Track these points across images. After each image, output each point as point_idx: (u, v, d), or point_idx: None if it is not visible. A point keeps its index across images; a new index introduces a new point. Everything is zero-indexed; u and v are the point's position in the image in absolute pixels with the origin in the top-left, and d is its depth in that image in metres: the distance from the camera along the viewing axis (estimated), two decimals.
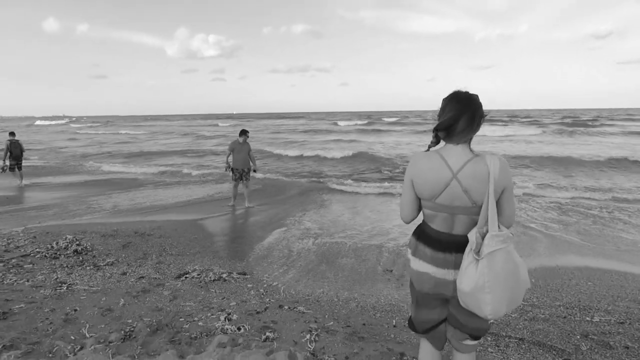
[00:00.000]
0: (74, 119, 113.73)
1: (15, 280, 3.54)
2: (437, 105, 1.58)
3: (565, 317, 3.08)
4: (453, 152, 1.47)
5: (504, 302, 1.40)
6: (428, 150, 1.55)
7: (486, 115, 1.51)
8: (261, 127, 41.18)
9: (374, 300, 3.45)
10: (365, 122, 44.29)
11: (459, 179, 1.43)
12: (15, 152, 9.57)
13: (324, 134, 29.09)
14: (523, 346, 2.63)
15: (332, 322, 2.83)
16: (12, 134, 9.80)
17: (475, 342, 1.62)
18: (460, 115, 1.45)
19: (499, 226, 1.50)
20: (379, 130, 31.25)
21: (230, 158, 7.20)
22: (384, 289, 3.69)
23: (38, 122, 72.82)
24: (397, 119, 52.81)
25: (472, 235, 1.43)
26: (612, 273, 4.12)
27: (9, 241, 4.88)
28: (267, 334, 2.55)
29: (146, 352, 2.35)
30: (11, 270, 3.82)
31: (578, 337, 2.76)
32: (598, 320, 3.03)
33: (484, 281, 1.37)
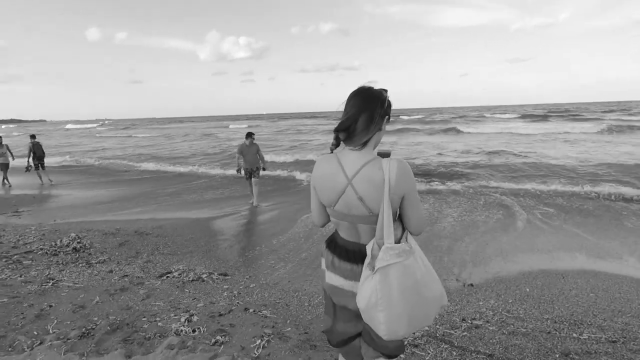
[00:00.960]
0: (106, 121, 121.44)
1: (9, 276, 3.76)
2: (470, 101, 1.45)
3: (549, 333, 2.81)
4: (350, 156, 1.35)
5: (403, 321, 1.27)
6: (331, 152, 1.44)
7: (389, 115, 1.38)
8: (284, 127, 41.53)
9: None
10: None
11: (354, 185, 1.31)
12: (39, 152, 10.34)
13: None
14: None
15: (290, 328, 2.76)
16: (33, 136, 10.61)
17: None
18: (359, 114, 1.33)
19: (406, 237, 1.38)
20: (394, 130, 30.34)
21: (241, 160, 7.48)
22: None
23: (68, 126, 78.26)
24: (422, 116, 51.23)
25: (369, 248, 1.32)
26: (622, 284, 3.74)
27: (19, 238, 5.21)
28: (218, 337, 2.52)
29: (97, 350, 2.40)
30: (10, 266, 4.07)
31: (557, 355, 2.50)
32: (587, 337, 2.74)
33: (376, 298, 1.26)
